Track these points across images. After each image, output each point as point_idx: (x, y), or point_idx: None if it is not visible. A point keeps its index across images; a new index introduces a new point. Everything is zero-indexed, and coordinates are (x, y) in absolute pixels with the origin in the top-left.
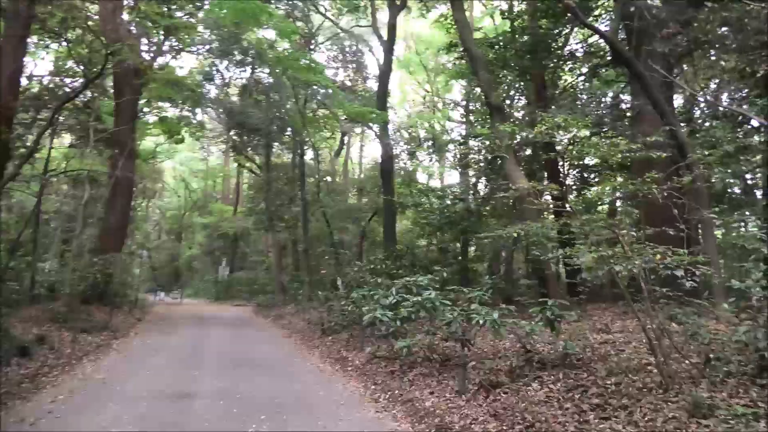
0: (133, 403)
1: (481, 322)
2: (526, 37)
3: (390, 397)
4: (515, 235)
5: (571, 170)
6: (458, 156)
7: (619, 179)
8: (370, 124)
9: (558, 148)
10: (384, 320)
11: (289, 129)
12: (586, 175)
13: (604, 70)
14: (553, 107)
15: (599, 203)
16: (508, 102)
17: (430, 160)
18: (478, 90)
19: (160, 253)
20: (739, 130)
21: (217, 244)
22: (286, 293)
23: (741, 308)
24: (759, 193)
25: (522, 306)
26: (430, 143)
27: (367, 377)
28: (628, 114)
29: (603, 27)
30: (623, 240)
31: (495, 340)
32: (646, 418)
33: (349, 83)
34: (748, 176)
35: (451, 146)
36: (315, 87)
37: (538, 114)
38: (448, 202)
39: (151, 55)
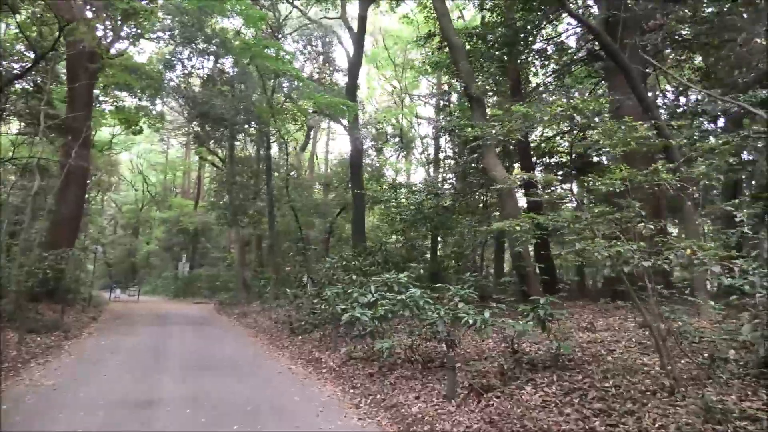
0: (88, 412)
1: (470, 322)
2: (502, 29)
3: (372, 402)
4: (504, 230)
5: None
6: (429, 152)
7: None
8: (339, 118)
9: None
10: (363, 319)
11: (255, 121)
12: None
13: (575, 68)
14: (527, 102)
15: (611, 192)
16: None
17: (398, 157)
18: (452, 83)
19: (116, 249)
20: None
21: (176, 239)
22: (250, 291)
23: (738, 307)
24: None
25: (501, 304)
26: (396, 139)
27: (344, 380)
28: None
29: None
30: (643, 233)
31: (477, 340)
32: (656, 425)
33: (316, 75)
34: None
35: (418, 142)
36: (283, 77)
37: (523, 106)
38: (422, 197)
39: (108, 39)
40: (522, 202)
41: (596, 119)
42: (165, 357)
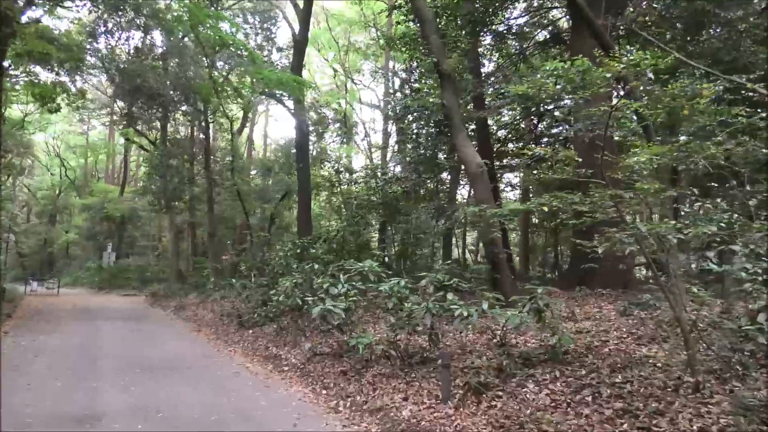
0: None
1: (465, 314)
2: (467, 7)
3: (352, 406)
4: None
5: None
6: (370, 137)
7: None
8: (284, 100)
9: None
10: (336, 312)
11: (191, 99)
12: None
13: (531, 52)
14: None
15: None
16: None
17: (341, 142)
18: (421, 59)
19: (30, 238)
20: None
21: (100, 227)
22: (186, 281)
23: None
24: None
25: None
26: (338, 125)
27: (312, 379)
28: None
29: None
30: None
31: (457, 332)
32: (694, 427)
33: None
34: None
35: (361, 128)
36: (226, 50)
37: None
38: (380, 182)
39: (20, 3)
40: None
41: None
42: (100, 358)
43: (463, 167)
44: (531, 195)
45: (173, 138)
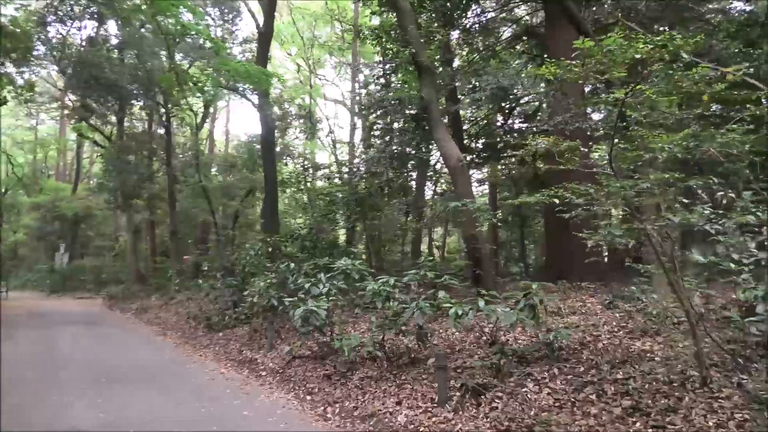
0: None
1: (459, 312)
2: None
3: (342, 412)
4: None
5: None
6: (334, 133)
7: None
8: (248, 94)
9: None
10: (320, 313)
11: (151, 92)
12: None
13: (502, 48)
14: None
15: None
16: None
17: (306, 138)
18: (400, 50)
19: None
20: None
21: (52, 227)
22: (145, 283)
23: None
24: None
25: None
26: (301, 120)
27: (294, 384)
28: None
29: None
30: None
31: (442, 331)
32: (711, 423)
33: None
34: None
35: (325, 124)
36: (189, 39)
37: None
38: (356, 178)
39: None
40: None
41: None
42: (61, 368)
43: (433, 162)
44: (498, 190)
45: (131, 132)
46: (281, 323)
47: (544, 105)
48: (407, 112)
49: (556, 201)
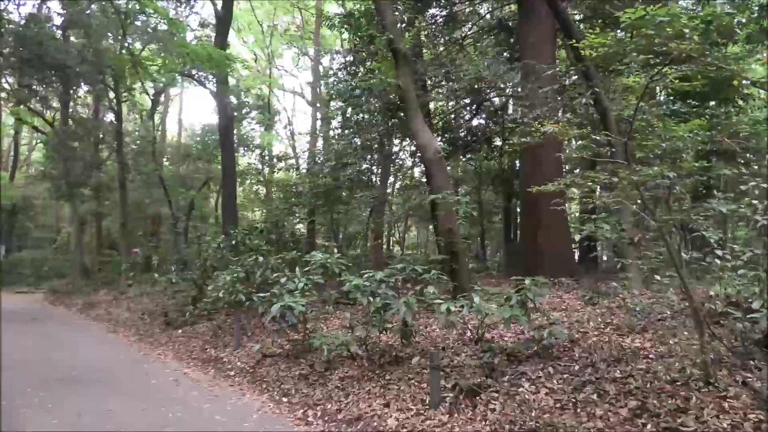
0: None
1: (452, 309)
2: None
3: (324, 415)
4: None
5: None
6: (293, 124)
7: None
8: (205, 80)
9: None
10: (299, 310)
11: (102, 74)
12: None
13: (470, 41)
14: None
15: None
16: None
17: (264, 129)
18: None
19: None
20: None
21: None
22: (91, 277)
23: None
24: None
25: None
26: (258, 111)
27: (267, 385)
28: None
29: None
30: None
31: (425, 327)
32: (725, 424)
33: None
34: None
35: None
36: (143, 19)
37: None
38: (326, 169)
39: None
40: None
41: None
42: (5, 370)
43: (403, 154)
44: (459, 184)
45: (77, 118)
46: (249, 320)
47: (511, 101)
48: (375, 102)
49: (575, 191)
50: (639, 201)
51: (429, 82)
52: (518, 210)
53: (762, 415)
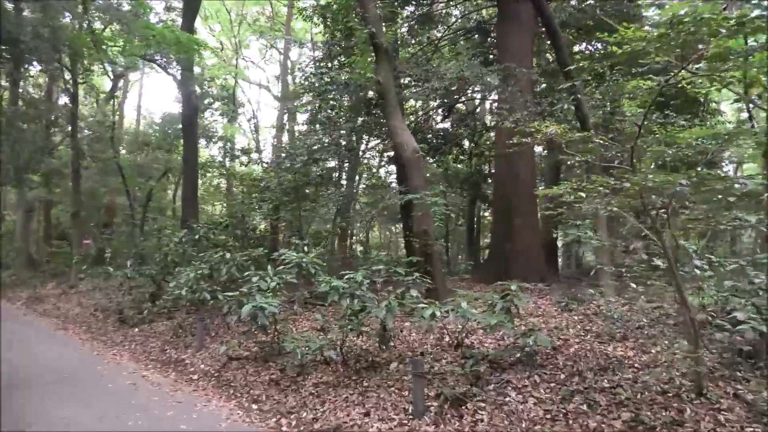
0: None
1: (437, 314)
2: None
3: (299, 424)
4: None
5: None
6: (257, 117)
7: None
8: (168, 67)
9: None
10: (270, 310)
11: (58, 52)
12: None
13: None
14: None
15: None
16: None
17: (228, 120)
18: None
19: None
20: None
21: None
22: (38, 269)
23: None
24: None
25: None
26: (223, 102)
27: (235, 390)
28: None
29: None
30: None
31: (401, 331)
32: None
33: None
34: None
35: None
36: None
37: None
38: (298, 164)
39: None
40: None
41: None
42: None
43: (369, 153)
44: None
45: (29, 98)
46: (212, 319)
47: (488, 103)
48: (351, 97)
49: (582, 195)
50: (641, 207)
51: (404, 81)
52: (479, 213)
53: (759, 429)
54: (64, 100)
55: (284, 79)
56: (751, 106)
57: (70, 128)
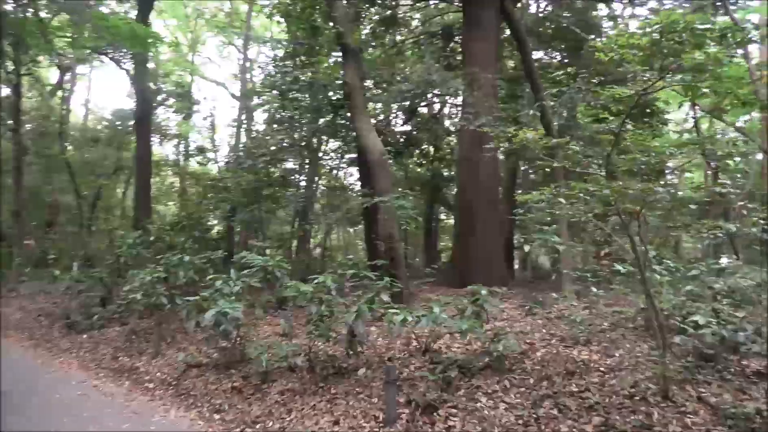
0: None
1: (409, 319)
2: None
3: None
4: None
5: None
6: (213, 115)
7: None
8: (122, 62)
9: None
10: (235, 315)
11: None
12: None
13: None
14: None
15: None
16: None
17: (183, 118)
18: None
19: None
20: None
21: None
22: None
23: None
24: None
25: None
26: (177, 98)
27: (195, 400)
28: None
29: None
30: None
31: (367, 337)
32: None
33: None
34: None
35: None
36: None
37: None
38: (260, 165)
39: None
40: None
41: None
42: None
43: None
44: None
45: None
46: (168, 324)
47: (447, 108)
48: (320, 97)
49: (563, 201)
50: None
51: (367, 83)
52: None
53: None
54: (5, 91)
55: (243, 77)
56: (695, 114)
57: (12, 122)
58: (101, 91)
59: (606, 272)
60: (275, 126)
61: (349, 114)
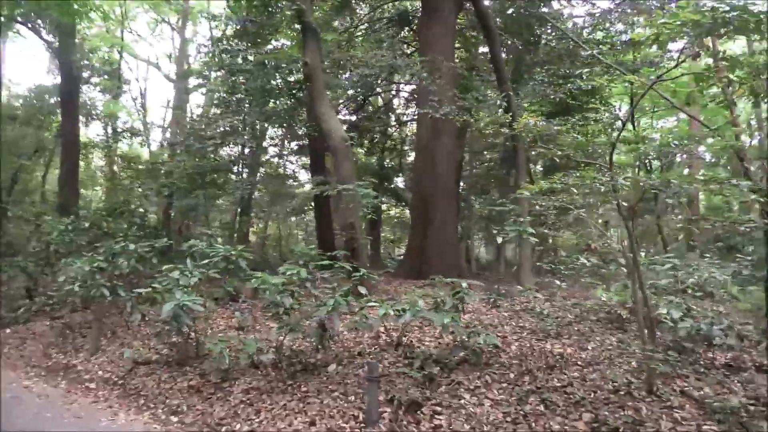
0: None
1: (391, 313)
2: None
3: None
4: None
5: None
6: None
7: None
8: (44, 31)
9: None
10: (197, 309)
11: None
12: None
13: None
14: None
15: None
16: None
17: (113, 97)
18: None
19: None
20: None
21: None
22: None
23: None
24: None
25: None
26: (105, 76)
27: (147, 400)
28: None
29: None
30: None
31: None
32: None
33: None
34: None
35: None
36: None
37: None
38: (207, 148)
39: None
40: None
41: None
42: None
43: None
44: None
45: None
46: (109, 318)
47: (397, 100)
48: (279, 78)
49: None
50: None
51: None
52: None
53: (714, 427)
54: None
55: (180, 57)
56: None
57: None
58: (16, 65)
59: (590, 265)
60: (219, 110)
61: (304, 98)
